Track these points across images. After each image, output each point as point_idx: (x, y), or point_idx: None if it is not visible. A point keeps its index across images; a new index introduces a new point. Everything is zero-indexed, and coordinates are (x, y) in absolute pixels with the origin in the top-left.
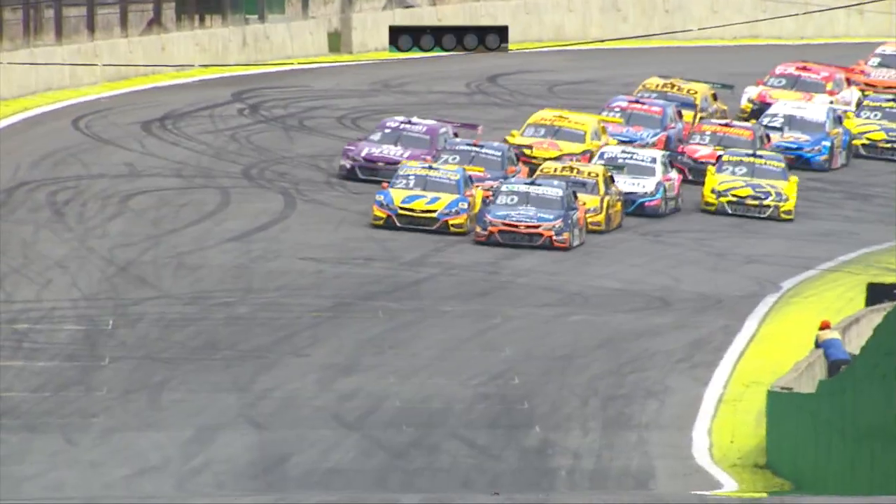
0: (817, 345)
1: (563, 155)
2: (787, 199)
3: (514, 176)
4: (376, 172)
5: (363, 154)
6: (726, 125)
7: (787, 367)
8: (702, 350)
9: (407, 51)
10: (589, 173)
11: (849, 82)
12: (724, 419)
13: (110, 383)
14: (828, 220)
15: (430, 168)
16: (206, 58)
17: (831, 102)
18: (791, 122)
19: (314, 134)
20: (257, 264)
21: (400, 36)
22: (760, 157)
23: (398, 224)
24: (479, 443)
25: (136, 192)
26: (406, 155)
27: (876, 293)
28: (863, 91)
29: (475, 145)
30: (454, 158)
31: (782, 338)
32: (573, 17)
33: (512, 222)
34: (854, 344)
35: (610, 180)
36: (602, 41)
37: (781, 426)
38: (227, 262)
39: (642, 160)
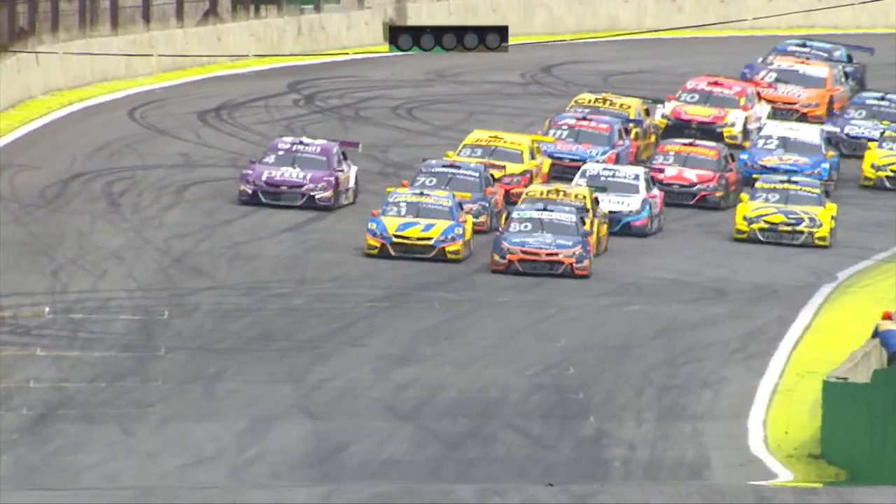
0: (876, 334)
1: (505, 175)
2: (821, 225)
3: (492, 197)
4: (279, 196)
5: (264, 178)
6: (690, 144)
7: (843, 358)
8: (757, 340)
9: (407, 50)
10: (576, 196)
11: (759, 97)
12: (779, 409)
13: (166, 374)
14: (883, 211)
15: (422, 195)
16: (262, 48)
17: (747, 117)
18: (786, 144)
19: (369, 124)
20: (312, 255)
21: (400, 35)
22: (796, 183)
23: (393, 252)
24: (534, 433)
25: (191, 182)
26: (308, 177)
27: None
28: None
29: (452, 166)
30: (431, 181)
31: (837, 328)
32: (628, 8)
33: (531, 250)
34: None
35: (595, 202)
36: (657, 31)
37: (836, 416)
38: (281, 253)
39: (625, 178)
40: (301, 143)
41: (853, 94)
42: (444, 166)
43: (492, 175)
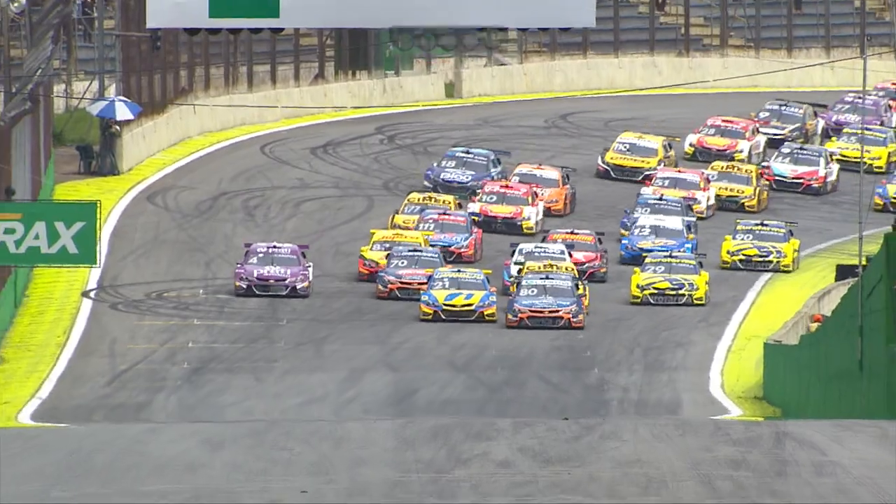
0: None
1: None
2: (697, 289)
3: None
4: (268, 288)
5: (255, 275)
6: (572, 233)
7: (778, 326)
8: (716, 313)
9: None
10: (566, 268)
11: (536, 196)
12: (732, 364)
13: (287, 338)
14: (807, 219)
15: (459, 271)
16: (356, 102)
17: (536, 212)
18: (657, 231)
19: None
20: None
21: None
22: (676, 257)
23: (444, 317)
24: (553, 381)
25: (305, 199)
26: (288, 272)
27: (843, 272)
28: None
29: (416, 251)
30: (403, 263)
31: (775, 304)
32: (622, 72)
33: (538, 309)
34: (826, 308)
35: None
36: (643, 89)
37: (774, 369)
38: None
39: (554, 253)
40: (274, 246)
41: (574, 191)
42: (410, 250)
43: (443, 256)
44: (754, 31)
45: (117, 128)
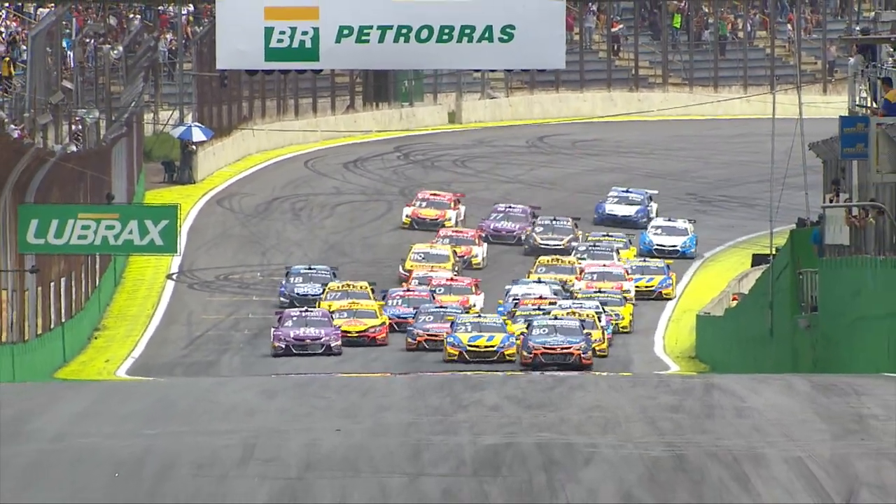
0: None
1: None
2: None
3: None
4: (305, 347)
5: (293, 336)
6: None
7: (707, 301)
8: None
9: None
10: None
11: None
12: (672, 330)
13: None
14: (729, 219)
15: (480, 316)
16: (379, 126)
17: None
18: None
19: (440, 170)
20: (409, 244)
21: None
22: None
23: (468, 358)
24: None
25: (339, 203)
26: (323, 333)
27: (757, 260)
28: None
29: (442, 308)
30: (430, 318)
31: (704, 284)
32: (586, 103)
33: (550, 347)
34: (745, 288)
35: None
36: (602, 117)
37: (704, 334)
38: (391, 243)
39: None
40: (306, 310)
41: None
42: (437, 307)
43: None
44: (688, 72)
45: (194, 147)
